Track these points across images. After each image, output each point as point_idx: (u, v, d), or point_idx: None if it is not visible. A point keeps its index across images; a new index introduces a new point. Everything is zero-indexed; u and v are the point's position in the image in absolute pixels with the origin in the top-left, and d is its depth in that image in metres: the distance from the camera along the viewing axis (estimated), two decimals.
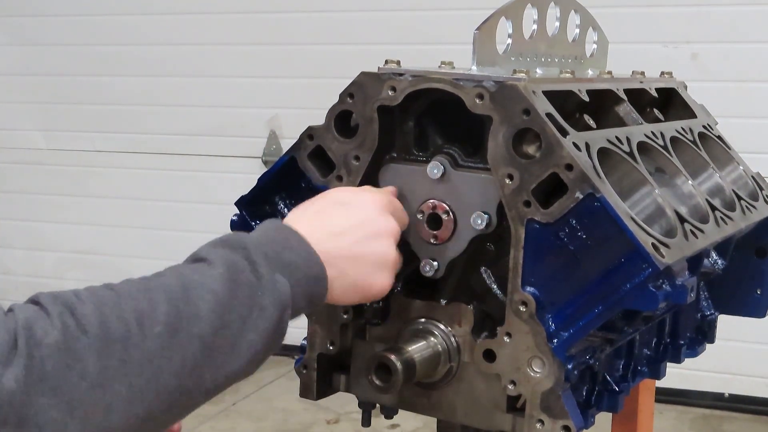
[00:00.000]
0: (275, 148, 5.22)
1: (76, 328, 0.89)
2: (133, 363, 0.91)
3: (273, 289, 1.03)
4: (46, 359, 0.86)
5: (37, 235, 5.77)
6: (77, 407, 0.87)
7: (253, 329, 1.01)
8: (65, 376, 0.86)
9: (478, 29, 1.29)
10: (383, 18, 4.94)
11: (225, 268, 1.02)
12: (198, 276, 1.00)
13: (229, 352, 0.99)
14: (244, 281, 1.02)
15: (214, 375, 0.98)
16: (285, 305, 1.04)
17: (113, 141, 5.47)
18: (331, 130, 1.30)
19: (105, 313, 0.92)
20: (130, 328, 0.92)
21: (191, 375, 0.96)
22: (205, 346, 0.97)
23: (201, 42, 5.29)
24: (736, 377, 4.62)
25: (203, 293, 0.98)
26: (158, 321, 0.94)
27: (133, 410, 0.91)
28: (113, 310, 0.92)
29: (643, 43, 4.45)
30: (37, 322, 0.87)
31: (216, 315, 0.98)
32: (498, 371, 1.24)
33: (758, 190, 1.64)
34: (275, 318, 1.03)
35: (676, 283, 1.16)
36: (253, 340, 1.01)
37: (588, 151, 1.22)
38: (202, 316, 0.97)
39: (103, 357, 0.89)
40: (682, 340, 1.61)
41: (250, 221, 1.38)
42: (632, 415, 1.73)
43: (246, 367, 1.02)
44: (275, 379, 4.94)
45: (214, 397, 1.02)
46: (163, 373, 0.93)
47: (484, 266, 1.28)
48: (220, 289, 0.99)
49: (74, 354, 0.87)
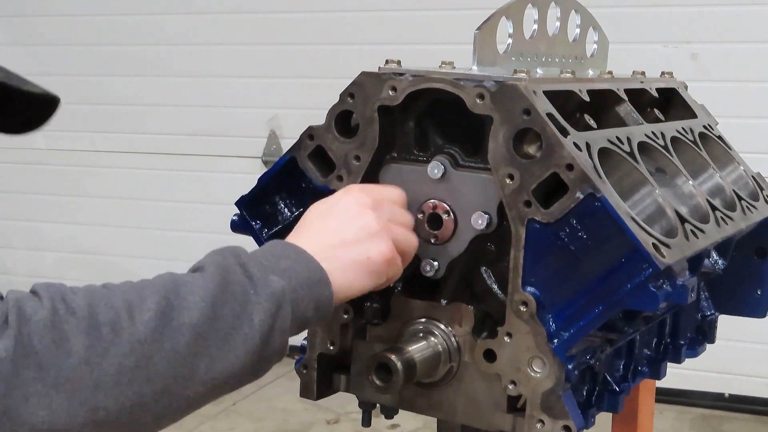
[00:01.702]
0: (275, 148, 5.22)
1: (65, 311, 0.91)
2: (122, 344, 0.92)
3: (265, 285, 1.04)
4: (33, 335, 0.88)
5: (37, 235, 5.77)
6: (63, 383, 0.88)
7: (247, 323, 1.01)
8: (51, 353, 0.88)
9: (479, 29, 1.29)
10: (383, 18, 4.94)
11: (216, 270, 1.03)
12: (190, 277, 1.02)
13: (223, 344, 0.99)
14: (236, 280, 1.03)
15: (210, 366, 0.98)
16: (279, 300, 1.04)
17: (113, 141, 5.47)
18: (331, 130, 1.30)
19: (95, 300, 0.94)
20: (119, 314, 0.94)
21: (184, 363, 0.96)
22: (198, 334, 0.97)
23: (201, 42, 5.28)
24: (736, 377, 4.62)
25: (194, 288, 1.00)
26: (148, 309, 0.95)
27: (122, 391, 0.91)
28: (103, 299, 0.95)
29: (643, 43, 4.45)
30: (27, 303, 0.90)
31: (207, 306, 0.99)
32: (498, 371, 1.23)
33: (758, 190, 1.64)
34: (270, 312, 1.03)
35: (676, 283, 1.16)
36: (248, 333, 1.01)
37: (588, 151, 1.21)
38: (193, 307, 0.98)
39: (91, 337, 0.91)
40: (682, 340, 1.61)
41: (250, 221, 1.38)
42: (632, 415, 1.73)
43: (244, 360, 1.02)
44: (275, 379, 4.94)
45: (218, 393, 1.02)
46: (154, 357, 0.94)
47: (485, 266, 1.28)
48: (211, 286, 1.01)
49: (61, 332, 0.89)
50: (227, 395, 1.05)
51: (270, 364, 1.06)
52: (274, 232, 1.37)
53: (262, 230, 1.38)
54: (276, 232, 1.36)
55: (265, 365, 1.05)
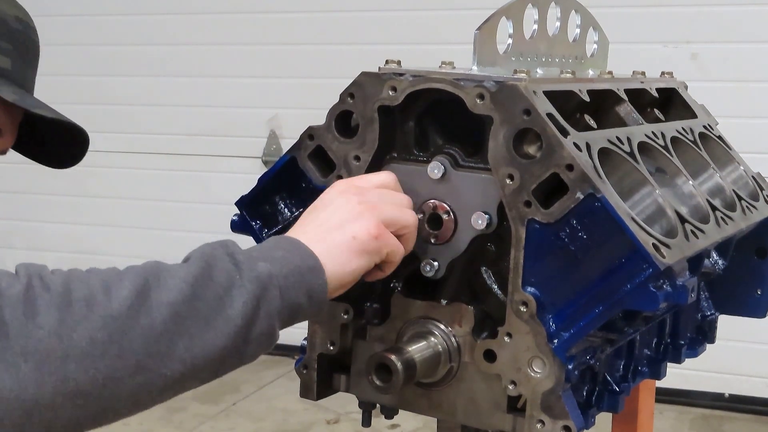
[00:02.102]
0: (275, 148, 5.22)
1: (40, 287, 0.93)
2: (95, 319, 0.93)
3: (251, 270, 1.04)
4: (5, 308, 0.90)
5: (37, 235, 5.77)
6: (31, 352, 0.89)
7: (229, 305, 1.01)
8: (21, 324, 0.90)
9: (479, 29, 1.29)
10: (383, 18, 4.94)
11: (201, 257, 1.04)
12: (175, 265, 1.03)
13: (204, 324, 0.99)
14: (221, 266, 1.03)
15: (188, 345, 0.98)
16: (265, 284, 1.04)
17: (113, 141, 5.47)
18: (331, 130, 1.30)
19: (72, 279, 0.95)
20: (94, 291, 0.94)
21: (160, 340, 0.96)
22: (175, 313, 0.97)
23: (201, 42, 5.29)
24: (736, 377, 4.62)
25: (176, 272, 1.00)
26: (124, 287, 0.96)
27: (92, 363, 0.92)
28: (81, 278, 0.96)
29: (643, 43, 4.45)
30: (3, 278, 0.92)
31: (187, 286, 0.99)
32: (498, 371, 1.23)
33: (759, 190, 1.64)
34: (254, 294, 1.03)
35: (676, 284, 1.16)
36: (230, 315, 1.01)
37: (589, 152, 1.21)
38: (172, 287, 0.98)
39: (63, 311, 0.92)
40: (682, 340, 1.61)
41: (250, 221, 1.38)
42: (632, 415, 1.73)
43: (226, 342, 1.01)
44: (275, 379, 4.94)
45: (200, 375, 1.01)
46: (128, 332, 0.94)
47: (485, 266, 1.28)
48: (194, 269, 1.01)
49: (33, 307, 0.91)
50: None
51: (257, 348, 1.05)
52: (274, 232, 1.37)
53: (262, 230, 1.38)
54: (276, 232, 1.36)
55: (250, 349, 1.04)
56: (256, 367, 5.12)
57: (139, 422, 4.42)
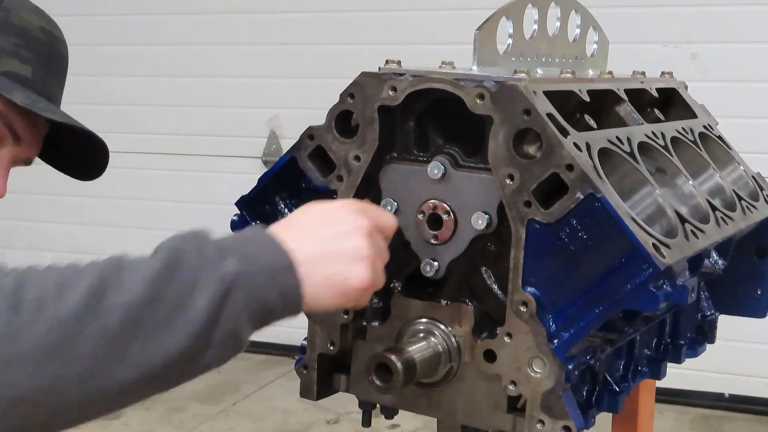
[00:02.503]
0: (275, 148, 5.22)
1: None
2: (43, 322, 0.89)
3: (217, 268, 0.98)
4: None
5: (37, 235, 5.77)
6: None
7: (191, 306, 0.95)
8: None
9: (479, 29, 1.29)
10: (383, 18, 4.94)
11: (167, 252, 0.99)
12: (138, 259, 0.98)
13: (163, 326, 0.94)
14: (187, 263, 0.98)
15: (143, 348, 0.93)
16: (230, 284, 0.98)
17: (113, 141, 5.43)
18: (331, 130, 1.30)
19: (26, 279, 0.92)
20: (45, 293, 0.91)
21: (114, 343, 0.92)
22: (130, 316, 0.93)
23: (201, 42, 5.29)
24: (736, 377, 4.62)
25: (137, 269, 0.96)
26: (78, 288, 0.92)
27: (40, 367, 0.88)
28: (36, 278, 0.92)
29: (643, 43, 4.45)
30: None
31: (147, 286, 0.94)
32: (498, 371, 1.23)
33: (759, 190, 1.64)
34: (218, 294, 0.97)
35: (676, 284, 1.16)
36: (190, 317, 0.95)
37: (589, 152, 1.21)
38: (130, 287, 0.94)
39: (12, 314, 0.88)
40: (682, 340, 1.61)
41: (250, 221, 1.38)
42: (632, 415, 1.73)
43: (186, 345, 0.95)
44: (275, 379, 4.94)
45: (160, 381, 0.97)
46: (79, 336, 0.90)
47: (485, 266, 1.28)
48: (157, 266, 0.96)
49: None
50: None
51: (222, 352, 0.98)
52: None
53: None
54: None
55: (214, 354, 0.97)
56: (256, 367, 5.14)
57: (139, 422, 4.43)
